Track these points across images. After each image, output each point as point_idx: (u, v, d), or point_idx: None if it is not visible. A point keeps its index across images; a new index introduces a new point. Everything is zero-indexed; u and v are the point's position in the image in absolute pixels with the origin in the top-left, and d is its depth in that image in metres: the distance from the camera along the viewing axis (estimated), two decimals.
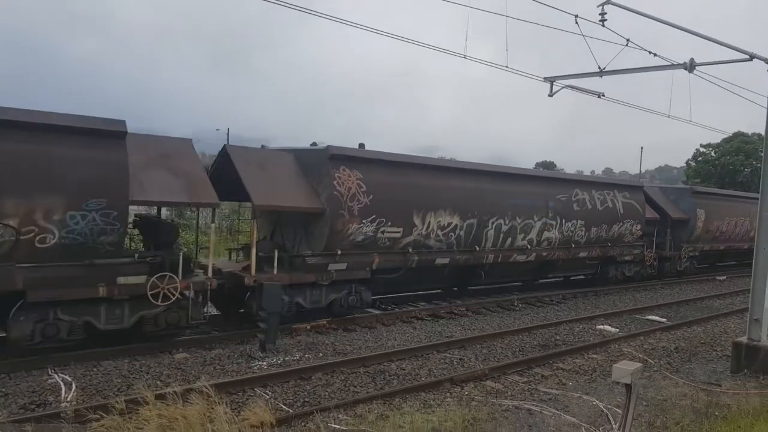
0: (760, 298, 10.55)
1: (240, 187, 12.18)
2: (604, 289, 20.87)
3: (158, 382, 9.00)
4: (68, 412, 7.28)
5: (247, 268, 12.45)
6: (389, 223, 13.76)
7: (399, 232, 14.09)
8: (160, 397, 7.19)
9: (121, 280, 10.19)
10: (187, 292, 10.85)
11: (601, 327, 14.57)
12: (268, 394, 8.64)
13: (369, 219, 13.34)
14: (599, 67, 12.62)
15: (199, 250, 14.88)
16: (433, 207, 14.66)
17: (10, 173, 9.09)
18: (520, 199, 16.98)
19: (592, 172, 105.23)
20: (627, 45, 12.18)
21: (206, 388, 7.17)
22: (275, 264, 12.39)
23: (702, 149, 58.28)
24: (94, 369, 9.57)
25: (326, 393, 8.83)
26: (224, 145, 13.51)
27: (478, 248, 15.97)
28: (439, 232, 14.94)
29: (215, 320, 13.01)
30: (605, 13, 11.28)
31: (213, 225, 12.75)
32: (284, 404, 8.27)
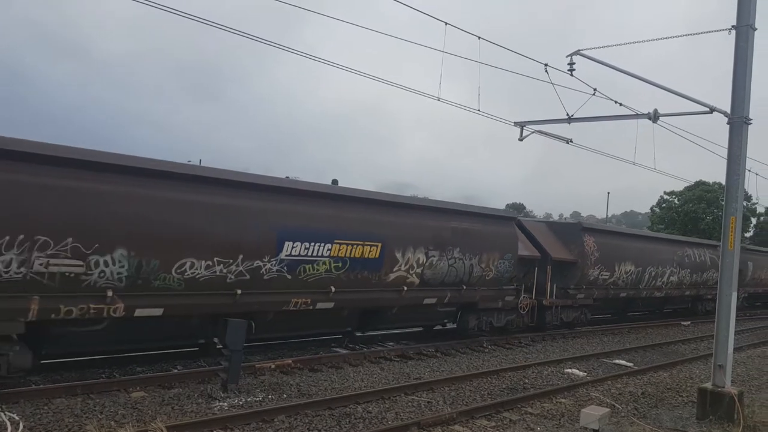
0: (723, 345, 10.68)
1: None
2: (572, 332, 20.98)
3: (112, 422, 8.57)
4: None
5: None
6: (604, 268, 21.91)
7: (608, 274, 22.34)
8: None
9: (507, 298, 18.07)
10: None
11: (570, 371, 14.55)
12: None
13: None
14: (567, 114, 12.95)
15: None
16: (623, 259, 23.01)
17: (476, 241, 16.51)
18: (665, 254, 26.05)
19: (560, 215, 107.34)
20: (594, 94, 12.58)
21: (162, 430, 6.85)
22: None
23: (666, 196, 60.03)
24: (45, 407, 9.08)
25: None
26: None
27: (640, 287, 24.80)
28: (624, 276, 23.23)
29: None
30: (573, 63, 11.65)
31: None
32: None
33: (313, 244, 12.63)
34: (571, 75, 11.67)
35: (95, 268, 9.86)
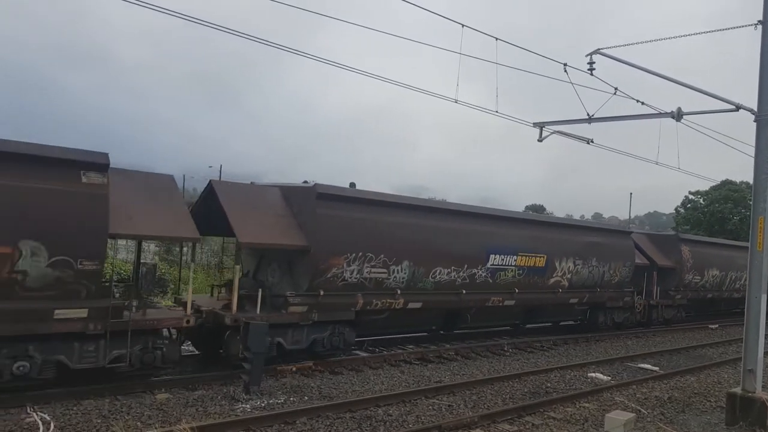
0: (753, 348, 10.43)
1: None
2: (595, 335, 20.70)
3: (138, 423, 8.73)
4: None
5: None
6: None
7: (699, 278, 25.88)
8: None
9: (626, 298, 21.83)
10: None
11: (593, 375, 14.35)
12: None
13: None
14: (588, 114, 12.80)
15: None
16: (711, 265, 26.09)
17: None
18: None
19: (582, 216, 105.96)
20: (615, 93, 12.41)
21: (187, 431, 6.93)
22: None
23: (691, 196, 58.91)
24: (74, 408, 9.31)
25: None
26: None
27: (723, 288, 27.57)
28: (711, 279, 26.29)
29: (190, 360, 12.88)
30: (593, 62, 11.52)
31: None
32: None
33: (506, 256, 16.86)
34: (591, 74, 11.53)
35: (392, 274, 14.23)
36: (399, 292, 14.37)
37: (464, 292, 15.85)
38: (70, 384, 10.10)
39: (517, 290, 17.32)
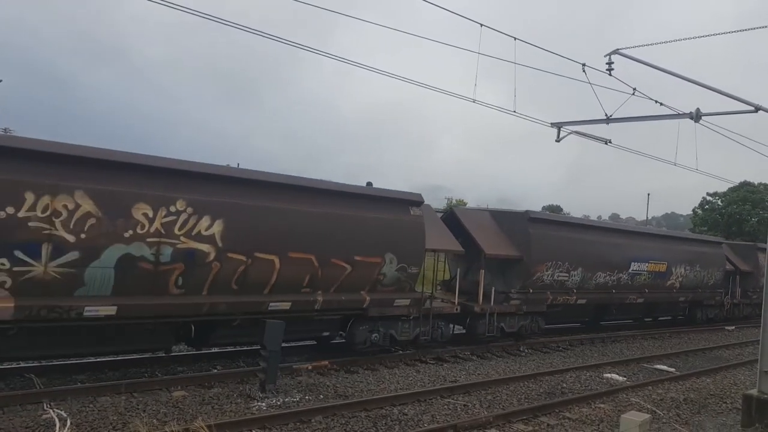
0: None
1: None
2: (611, 335, 20.60)
3: (155, 420, 8.81)
4: None
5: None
6: None
7: None
8: None
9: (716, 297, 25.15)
10: None
11: (609, 375, 14.27)
12: None
13: None
14: (606, 115, 12.74)
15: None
16: None
17: None
18: None
19: (599, 216, 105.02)
20: (633, 94, 12.34)
21: (203, 429, 7.01)
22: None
23: (709, 197, 58.23)
24: (90, 405, 9.39)
25: None
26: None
27: None
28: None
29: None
30: (612, 63, 11.46)
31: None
32: None
33: (641, 263, 21.18)
34: (610, 75, 11.49)
35: (570, 277, 18.37)
36: (574, 291, 18.57)
37: (614, 291, 20.20)
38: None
39: (646, 290, 21.55)
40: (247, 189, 11.25)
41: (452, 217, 17.26)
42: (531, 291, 17.26)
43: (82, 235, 9.33)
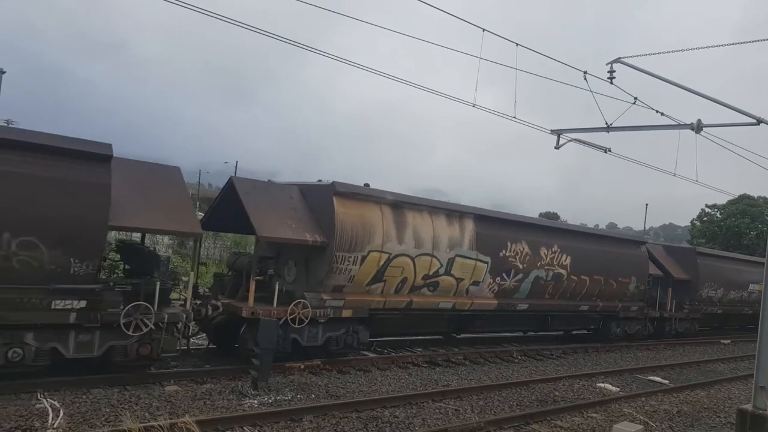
0: (765, 365, 10.29)
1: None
2: (605, 345, 20.56)
3: (146, 414, 8.80)
4: None
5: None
6: None
7: None
8: (146, 430, 7.01)
9: None
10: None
11: (602, 385, 14.25)
12: None
13: None
14: (606, 123, 12.74)
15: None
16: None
17: None
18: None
19: (596, 225, 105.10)
20: (635, 103, 12.34)
21: (190, 425, 7.00)
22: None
23: (707, 209, 58.26)
24: (84, 396, 9.40)
25: None
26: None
27: None
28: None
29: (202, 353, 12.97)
30: (614, 71, 11.47)
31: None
32: None
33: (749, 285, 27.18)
34: (611, 83, 11.49)
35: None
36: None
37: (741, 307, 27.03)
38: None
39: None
40: (575, 237, 19.28)
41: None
42: None
43: (524, 265, 17.02)
